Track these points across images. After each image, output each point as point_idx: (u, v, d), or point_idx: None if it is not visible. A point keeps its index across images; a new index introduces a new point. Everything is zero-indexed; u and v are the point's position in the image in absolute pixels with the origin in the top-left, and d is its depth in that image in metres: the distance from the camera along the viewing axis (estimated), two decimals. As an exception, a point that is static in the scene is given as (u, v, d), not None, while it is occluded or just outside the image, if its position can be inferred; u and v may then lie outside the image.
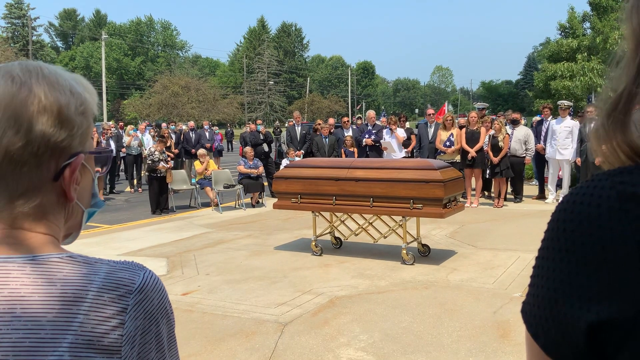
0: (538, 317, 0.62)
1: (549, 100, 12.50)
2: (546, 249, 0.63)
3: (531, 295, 0.64)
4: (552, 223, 0.63)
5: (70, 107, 0.77)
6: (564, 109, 10.36)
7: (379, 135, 11.37)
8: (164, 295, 0.80)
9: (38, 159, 0.75)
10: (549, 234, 0.63)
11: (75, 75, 0.84)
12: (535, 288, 0.64)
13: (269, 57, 67.79)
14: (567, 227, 0.60)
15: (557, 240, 0.61)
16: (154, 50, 76.40)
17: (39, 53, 55.04)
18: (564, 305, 0.59)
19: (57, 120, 0.76)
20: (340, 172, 6.49)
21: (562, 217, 0.61)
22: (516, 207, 10.20)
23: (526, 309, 0.65)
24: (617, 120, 0.63)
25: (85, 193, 0.84)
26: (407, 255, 6.26)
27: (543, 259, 0.63)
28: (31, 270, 0.73)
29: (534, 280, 0.64)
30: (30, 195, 0.76)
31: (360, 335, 4.28)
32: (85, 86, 0.83)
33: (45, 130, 0.75)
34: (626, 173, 0.59)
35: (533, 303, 0.63)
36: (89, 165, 0.84)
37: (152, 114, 38.57)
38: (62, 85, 0.78)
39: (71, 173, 0.78)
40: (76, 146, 0.79)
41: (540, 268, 0.63)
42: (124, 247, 7.75)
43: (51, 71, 0.79)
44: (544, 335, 0.62)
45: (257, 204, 11.33)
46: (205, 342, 4.23)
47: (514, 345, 3.99)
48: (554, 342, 0.61)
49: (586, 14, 22.81)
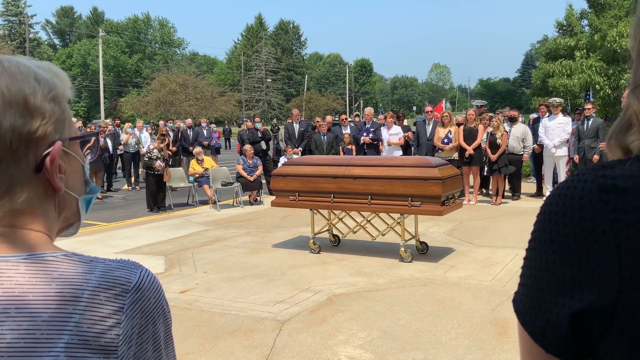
0: (526, 306, 0.65)
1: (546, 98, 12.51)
2: (534, 240, 0.66)
3: (521, 285, 0.67)
4: (539, 215, 0.66)
5: (37, 96, 0.75)
6: (556, 106, 10.42)
7: (377, 133, 11.38)
8: (160, 294, 0.79)
9: (14, 154, 0.73)
10: (537, 225, 0.66)
11: (43, 62, 0.81)
12: (524, 278, 0.67)
13: (266, 55, 67.74)
14: (552, 218, 0.63)
15: (543, 232, 0.64)
16: (151, 48, 76.18)
17: (36, 51, 54.85)
18: (549, 293, 0.62)
19: (25, 111, 0.73)
20: (338, 169, 6.49)
21: (548, 210, 0.64)
22: (514, 204, 10.21)
23: (517, 298, 0.68)
24: (621, 125, 0.66)
25: (75, 181, 0.82)
26: (405, 253, 6.26)
27: (531, 250, 0.66)
28: (25, 269, 0.72)
29: (523, 271, 0.67)
30: (16, 191, 0.74)
31: (358, 332, 4.28)
32: (55, 72, 0.81)
33: (13, 123, 0.72)
34: (608, 167, 0.62)
35: (522, 292, 0.66)
36: (73, 151, 0.81)
37: (150, 111, 38.49)
38: (25, 74, 0.75)
39: (51, 162, 0.75)
40: (52, 134, 0.76)
41: (529, 259, 0.66)
42: (122, 245, 7.73)
43: (12, 62, 0.76)
44: (531, 323, 0.65)
45: (255, 201, 11.32)
46: (203, 340, 4.23)
47: (512, 343, 4.00)
48: (540, 329, 0.64)
49: (584, 11, 22.82)
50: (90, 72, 64.73)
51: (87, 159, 0.86)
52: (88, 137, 0.85)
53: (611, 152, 0.66)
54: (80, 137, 0.83)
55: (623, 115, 0.66)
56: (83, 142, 0.84)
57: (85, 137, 0.84)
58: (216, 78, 70.22)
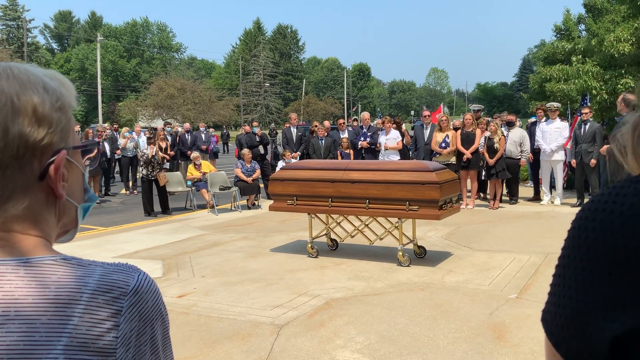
0: (560, 327, 0.61)
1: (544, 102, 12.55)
2: (567, 257, 0.62)
3: (552, 304, 0.63)
4: (573, 231, 0.62)
5: (46, 105, 0.76)
6: (553, 110, 10.46)
7: (374, 137, 11.40)
8: (158, 297, 0.80)
9: (20, 161, 0.74)
10: (570, 241, 0.62)
11: (49, 70, 0.82)
12: (556, 297, 0.63)
13: (264, 59, 67.77)
14: (589, 234, 0.59)
15: (578, 249, 0.60)
16: (149, 52, 76.16)
17: (34, 55, 54.82)
18: (588, 315, 0.58)
19: (34, 119, 0.74)
20: (336, 174, 6.50)
21: (584, 225, 0.60)
22: (511, 208, 10.22)
23: (547, 317, 0.64)
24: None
25: (75, 188, 0.83)
26: (403, 257, 6.26)
27: (564, 267, 0.62)
28: (25, 273, 0.73)
29: (555, 289, 0.63)
30: (18, 197, 0.75)
31: (356, 337, 4.28)
32: (61, 81, 0.82)
33: (22, 131, 0.73)
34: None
35: (555, 312, 0.63)
36: (75, 160, 0.82)
37: (148, 116, 38.49)
38: (34, 83, 0.76)
39: (55, 170, 0.76)
40: (57, 143, 0.77)
41: (562, 277, 0.62)
42: (120, 249, 7.72)
43: (22, 70, 0.77)
44: (565, 345, 0.61)
45: (253, 206, 11.31)
46: (201, 345, 4.22)
47: (509, 347, 4.00)
48: (576, 352, 0.60)
49: (581, 16, 22.89)
50: (88, 77, 64.66)
51: (87, 167, 0.86)
52: (91, 147, 0.86)
53: (635, 163, 0.62)
54: (83, 146, 0.84)
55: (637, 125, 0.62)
56: (84, 150, 0.85)
57: (87, 146, 0.85)
58: (214, 82, 70.19)
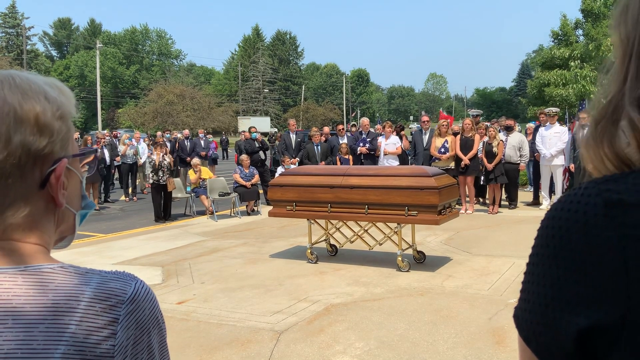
0: (529, 322, 0.64)
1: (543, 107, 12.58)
2: (536, 255, 0.64)
3: (523, 301, 0.66)
4: (541, 230, 0.64)
5: (47, 114, 0.77)
6: (552, 115, 10.49)
7: (373, 143, 11.40)
8: (155, 305, 0.81)
9: (21, 169, 0.75)
10: (539, 240, 0.64)
11: (49, 79, 0.83)
12: (526, 293, 0.65)
13: (263, 65, 67.96)
14: (555, 233, 0.62)
15: (546, 247, 0.63)
16: (148, 59, 76.32)
17: (34, 62, 54.87)
18: (555, 310, 0.61)
19: (36, 129, 0.75)
20: (335, 179, 6.50)
21: (551, 224, 0.63)
22: (511, 213, 10.22)
23: (518, 313, 0.67)
24: (605, 129, 0.64)
25: (74, 196, 0.84)
26: (402, 262, 6.26)
27: (533, 265, 0.64)
28: (23, 281, 0.73)
29: (525, 286, 0.66)
30: (19, 205, 0.76)
31: (355, 342, 4.28)
32: (61, 89, 0.82)
33: (24, 140, 0.74)
34: (612, 181, 0.60)
35: (524, 308, 0.65)
36: (75, 168, 0.83)
37: (147, 122, 38.54)
38: (36, 92, 0.77)
39: (56, 179, 0.77)
40: (58, 151, 0.78)
41: (531, 274, 0.65)
42: (119, 256, 7.72)
43: (23, 79, 0.78)
44: (535, 340, 0.63)
45: (252, 212, 11.31)
46: (201, 351, 4.22)
47: (509, 352, 4.00)
48: (545, 346, 0.62)
49: (578, 21, 22.99)
50: (87, 84, 64.79)
51: (85, 174, 0.87)
52: (89, 154, 0.87)
53: (602, 165, 0.64)
54: (81, 154, 0.84)
55: (606, 123, 0.63)
56: (82, 157, 0.86)
57: (86, 154, 0.86)
58: (213, 89, 70.36)
